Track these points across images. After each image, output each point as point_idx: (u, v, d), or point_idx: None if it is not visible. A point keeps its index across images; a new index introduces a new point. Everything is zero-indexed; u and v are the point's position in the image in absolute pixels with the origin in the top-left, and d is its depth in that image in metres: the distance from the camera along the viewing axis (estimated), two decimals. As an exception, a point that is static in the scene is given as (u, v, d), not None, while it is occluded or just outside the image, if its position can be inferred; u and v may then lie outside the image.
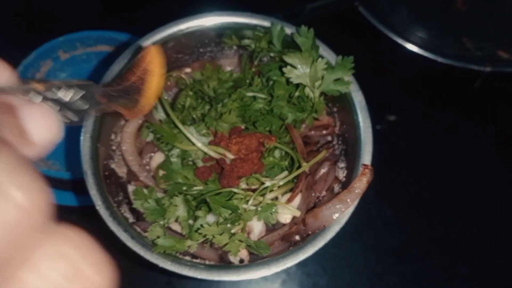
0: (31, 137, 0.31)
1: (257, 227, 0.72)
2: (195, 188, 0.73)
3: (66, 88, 0.36)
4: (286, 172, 0.75)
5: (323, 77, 0.74)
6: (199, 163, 0.76)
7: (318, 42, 0.76)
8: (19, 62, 1.00)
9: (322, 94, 0.76)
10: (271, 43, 0.79)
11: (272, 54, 0.81)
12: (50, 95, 0.35)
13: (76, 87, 0.37)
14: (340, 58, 0.75)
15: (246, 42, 0.83)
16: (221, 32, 0.83)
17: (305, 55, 0.72)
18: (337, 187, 0.76)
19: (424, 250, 0.95)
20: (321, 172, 0.76)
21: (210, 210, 0.67)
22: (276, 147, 0.75)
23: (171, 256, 0.66)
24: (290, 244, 0.72)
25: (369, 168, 0.70)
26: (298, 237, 0.72)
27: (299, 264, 0.92)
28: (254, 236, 0.73)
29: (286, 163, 0.76)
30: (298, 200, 0.73)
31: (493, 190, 1.02)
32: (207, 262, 0.71)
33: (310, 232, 0.69)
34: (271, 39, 0.79)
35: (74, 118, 0.38)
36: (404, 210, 0.99)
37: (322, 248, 0.66)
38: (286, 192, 0.74)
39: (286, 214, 0.72)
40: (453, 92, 1.12)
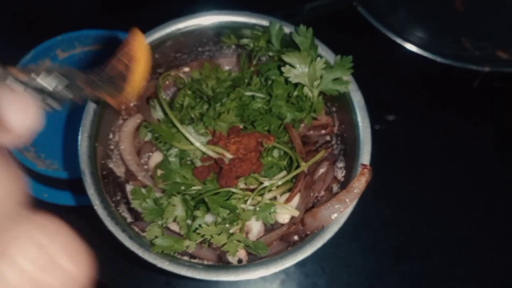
0: (8, 124, 0.30)
1: (255, 227, 0.72)
2: (194, 187, 0.73)
3: (47, 75, 0.36)
4: (284, 172, 0.75)
5: (321, 76, 0.74)
6: (198, 163, 0.76)
7: (316, 42, 0.76)
8: (18, 61, 0.99)
9: (321, 93, 0.76)
10: (269, 42, 0.79)
11: (270, 54, 0.81)
12: (32, 84, 0.35)
13: (60, 76, 0.37)
14: (339, 57, 0.75)
15: (245, 41, 0.83)
16: (219, 31, 0.82)
17: (303, 54, 0.72)
18: (335, 187, 0.76)
19: (423, 250, 0.95)
20: (319, 172, 0.76)
21: (208, 210, 0.67)
22: (275, 147, 0.75)
23: (169, 256, 0.66)
24: (288, 244, 0.72)
25: (368, 168, 0.70)
26: (296, 237, 0.72)
27: (298, 264, 0.92)
28: (253, 236, 0.73)
29: (285, 162, 0.76)
30: (296, 200, 0.73)
31: (491, 190, 1.02)
32: (206, 262, 0.71)
33: (309, 232, 0.69)
34: (270, 38, 0.79)
35: (56, 106, 0.37)
36: (403, 210, 0.98)
37: (321, 248, 0.66)
38: (284, 192, 0.74)
39: (285, 214, 0.72)
40: (452, 92, 1.12)
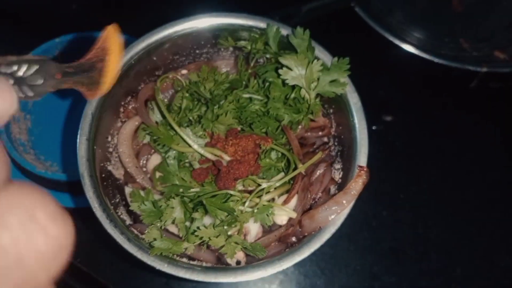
0: None
1: (253, 229, 0.73)
2: (192, 190, 0.73)
3: (19, 63, 0.37)
4: (282, 174, 0.76)
5: (318, 78, 0.74)
6: (196, 165, 0.76)
7: (314, 44, 0.76)
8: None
9: (318, 95, 0.76)
10: (267, 44, 0.80)
11: (268, 56, 0.81)
12: (3, 69, 0.36)
13: (31, 62, 0.38)
14: (335, 59, 0.75)
15: (242, 43, 0.83)
16: (217, 34, 0.83)
17: (300, 56, 0.72)
18: (333, 189, 0.77)
19: (421, 251, 0.95)
20: (317, 173, 0.77)
21: (206, 212, 0.67)
22: (273, 149, 0.75)
23: (168, 258, 0.66)
24: (286, 246, 0.73)
25: (365, 169, 0.70)
26: (294, 238, 0.72)
27: (297, 265, 0.92)
28: (251, 237, 0.73)
29: (282, 164, 0.76)
30: (294, 201, 0.73)
31: (491, 190, 1.02)
32: (204, 264, 0.71)
33: (306, 234, 0.70)
34: (267, 40, 0.79)
35: (30, 93, 0.38)
36: (401, 210, 0.99)
37: (319, 249, 0.66)
38: (282, 194, 0.74)
39: (283, 216, 0.72)
40: (450, 93, 1.12)
